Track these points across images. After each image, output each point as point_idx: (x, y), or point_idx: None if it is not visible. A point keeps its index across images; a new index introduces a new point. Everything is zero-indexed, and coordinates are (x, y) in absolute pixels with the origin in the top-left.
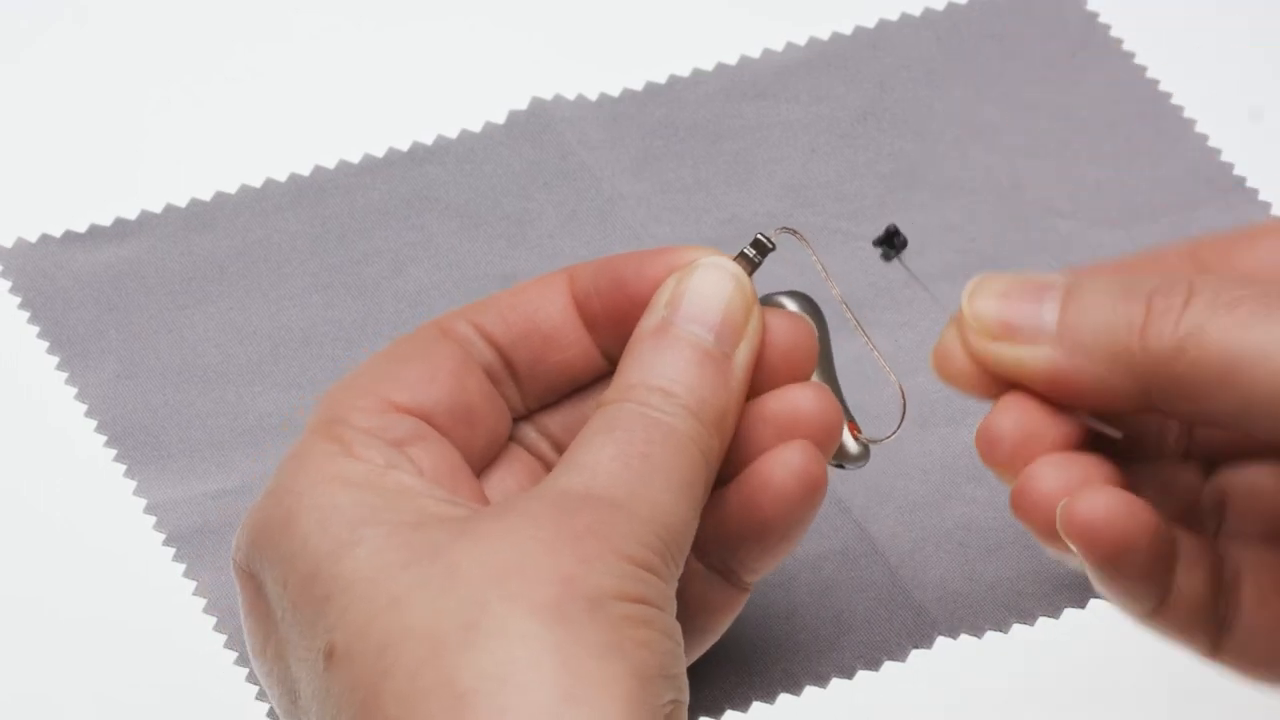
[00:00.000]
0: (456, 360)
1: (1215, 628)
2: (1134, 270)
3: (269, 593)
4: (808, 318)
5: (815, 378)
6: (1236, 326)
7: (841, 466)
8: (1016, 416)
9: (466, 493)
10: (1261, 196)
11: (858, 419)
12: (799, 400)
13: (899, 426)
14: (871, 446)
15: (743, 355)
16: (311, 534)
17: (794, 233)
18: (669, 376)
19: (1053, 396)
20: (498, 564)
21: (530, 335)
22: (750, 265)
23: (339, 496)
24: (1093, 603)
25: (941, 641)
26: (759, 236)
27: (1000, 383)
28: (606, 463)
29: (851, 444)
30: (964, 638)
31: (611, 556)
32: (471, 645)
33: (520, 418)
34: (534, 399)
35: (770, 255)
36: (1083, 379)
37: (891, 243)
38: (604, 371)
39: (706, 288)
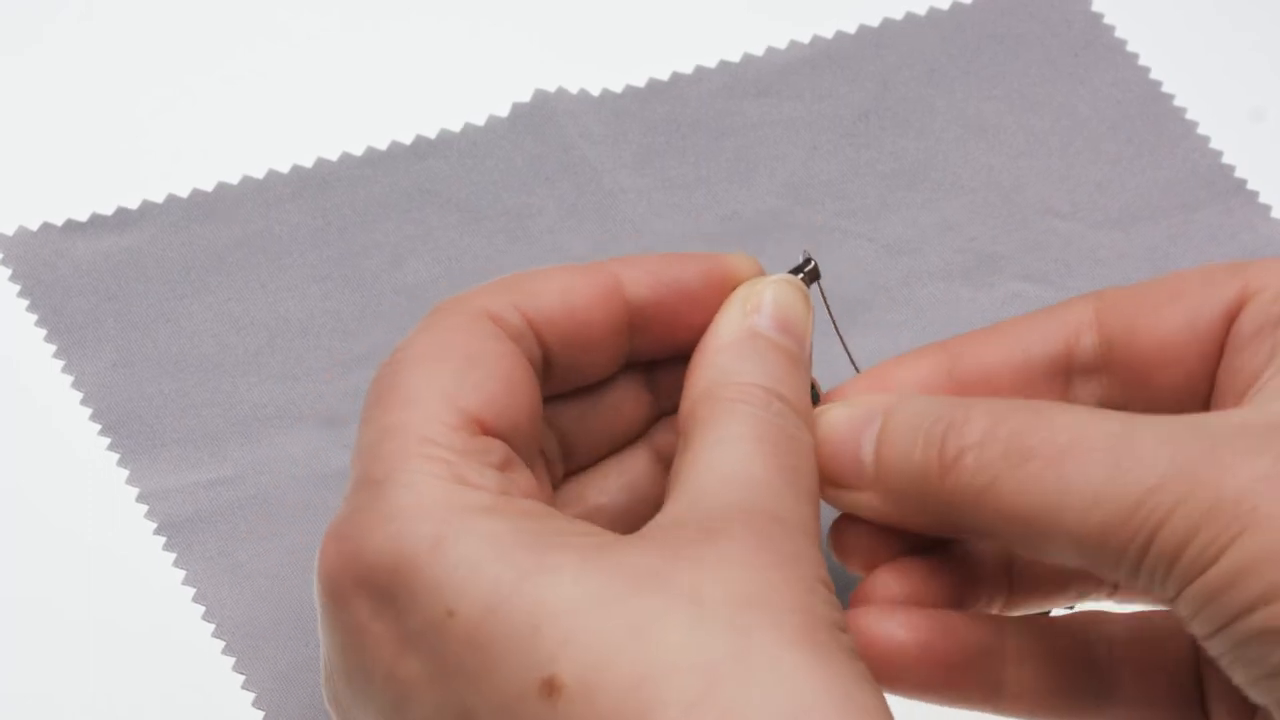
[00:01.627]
0: (522, 368)
1: (1084, 705)
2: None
3: (406, 624)
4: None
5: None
6: (1030, 481)
7: None
8: (858, 528)
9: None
10: (1262, 199)
11: None
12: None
13: None
14: None
15: (809, 359)
16: (483, 562)
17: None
18: (775, 377)
19: (887, 527)
20: (741, 592)
21: (576, 338)
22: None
23: (491, 524)
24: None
25: None
26: (813, 263)
27: None
28: (762, 475)
29: None
30: None
31: (816, 582)
32: (749, 678)
33: None
34: (549, 392)
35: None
36: (905, 519)
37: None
38: (614, 372)
39: (788, 299)
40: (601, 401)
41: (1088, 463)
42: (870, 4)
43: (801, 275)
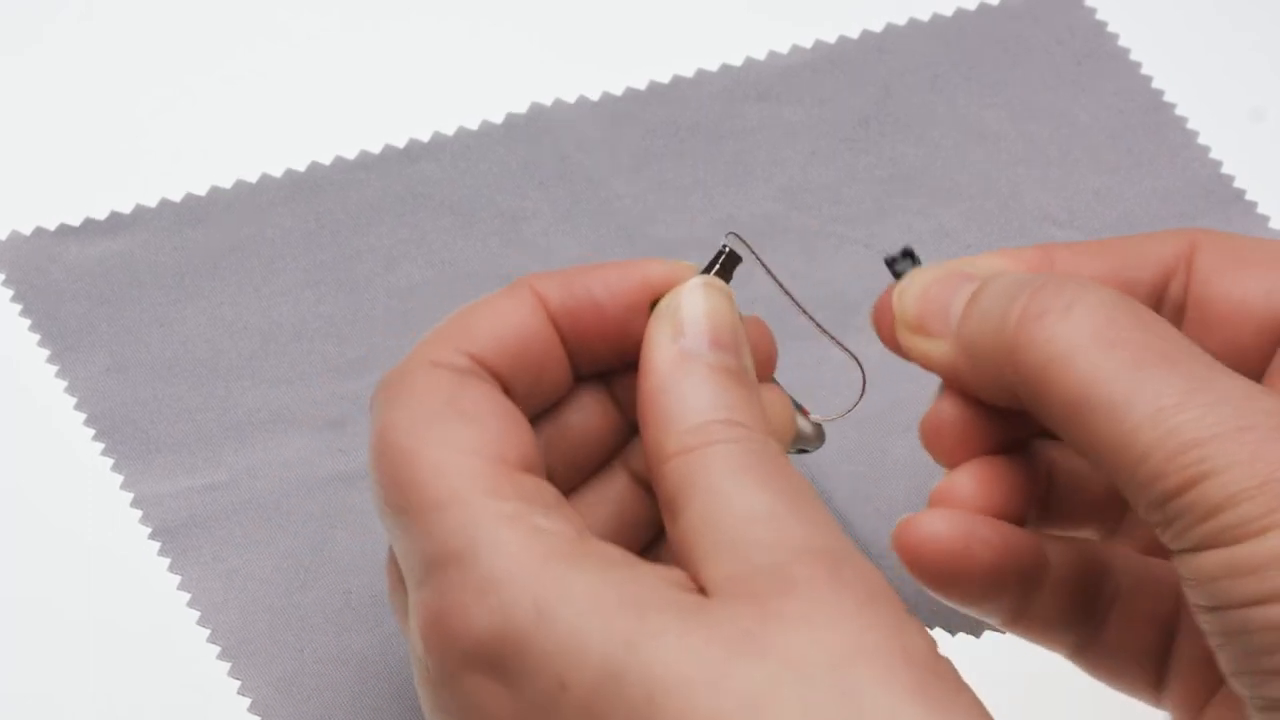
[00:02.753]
0: (507, 402)
1: (1079, 635)
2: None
3: (521, 697)
4: (760, 319)
5: None
6: (1101, 368)
7: (804, 451)
8: (952, 410)
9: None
10: (1260, 209)
11: (832, 405)
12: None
13: (856, 404)
14: (825, 426)
15: (749, 363)
16: (588, 630)
17: (739, 238)
18: (725, 404)
19: (958, 388)
20: (838, 648)
21: (521, 362)
22: (727, 277)
23: (586, 583)
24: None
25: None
26: (729, 250)
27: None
28: (776, 507)
29: (805, 425)
30: (962, 636)
31: (899, 613)
32: None
33: None
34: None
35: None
36: (972, 373)
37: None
38: (569, 387)
39: (711, 307)
40: (570, 425)
41: (1166, 377)
42: (873, 9)
43: (717, 269)
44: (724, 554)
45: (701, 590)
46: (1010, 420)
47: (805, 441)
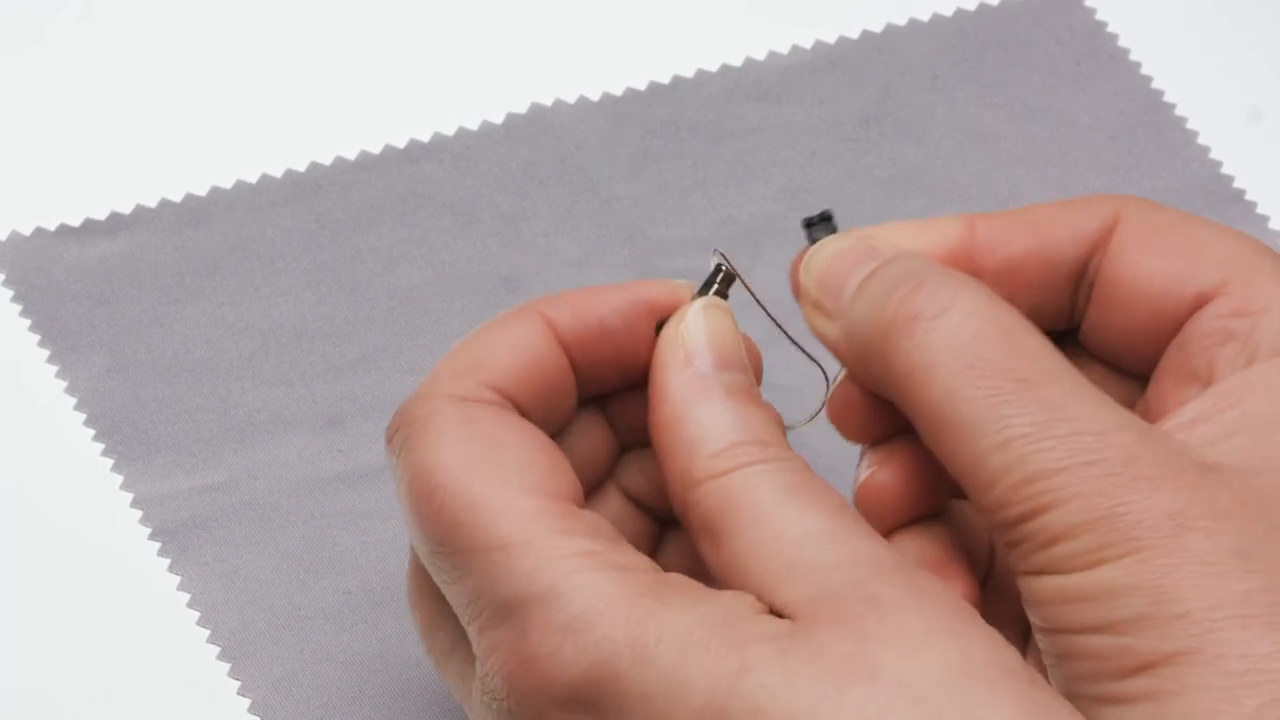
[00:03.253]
0: (540, 434)
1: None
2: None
3: None
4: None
5: None
6: (958, 392)
7: None
8: (856, 392)
9: None
10: (1260, 209)
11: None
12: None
13: (817, 412)
14: (790, 432)
15: (753, 380)
16: (689, 668)
17: (722, 255)
18: (748, 426)
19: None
20: (942, 669)
21: (540, 391)
22: (724, 295)
23: (678, 620)
24: None
25: None
26: (725, 268)
27: None
28: (829, 526)
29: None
30: None
31: (986, 625)
32: None
33: None
34: None
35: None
36: (858, 366)
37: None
38: (573, 412)
39: (715, 327)
40: (573, 449)
41: (1021, 405)
42: (873, 9)
43: (716, 288)
44: (795, 577)
45: (777, 614)
46: None
47: None
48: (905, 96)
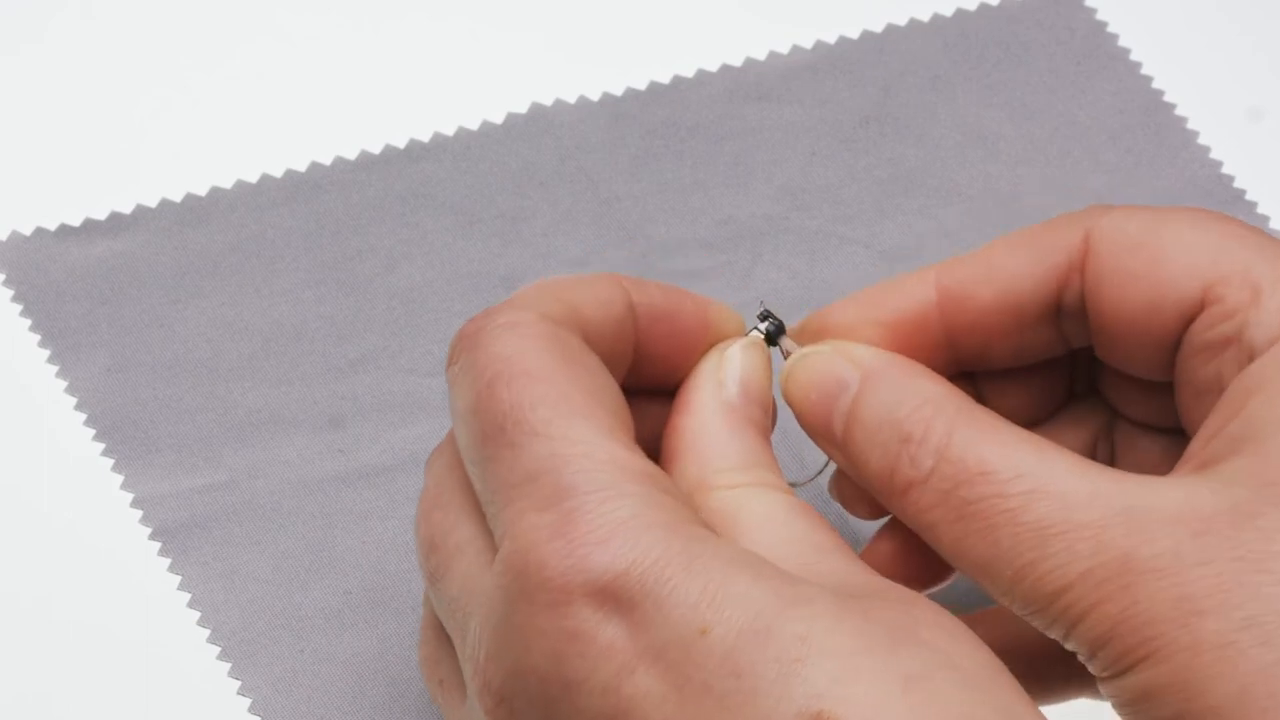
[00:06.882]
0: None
1: None
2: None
3: (647, 637)
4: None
5: None
6: (965, 539)
7: None
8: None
9: None
10: (1260, 210)
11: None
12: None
13: (819, 472)
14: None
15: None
16: (741, 583)
17: (770, 311)
18: (766, 462)
19: None
20: (978, 658)
21: (613, 353)
22: (771, 343)
23: (734, 550)
24: None
25: None
26: (780, 324)
27: None
28: (841, 544)
29: None
30: None
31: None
32: None
33: None
34: None
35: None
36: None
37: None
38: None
39: (756, 368)
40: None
41: (1017, 535)
42: (874, 9)
43: (765, 334)
44: (818, 576)
45: None
46: None
47: None
48: (905, 96)
